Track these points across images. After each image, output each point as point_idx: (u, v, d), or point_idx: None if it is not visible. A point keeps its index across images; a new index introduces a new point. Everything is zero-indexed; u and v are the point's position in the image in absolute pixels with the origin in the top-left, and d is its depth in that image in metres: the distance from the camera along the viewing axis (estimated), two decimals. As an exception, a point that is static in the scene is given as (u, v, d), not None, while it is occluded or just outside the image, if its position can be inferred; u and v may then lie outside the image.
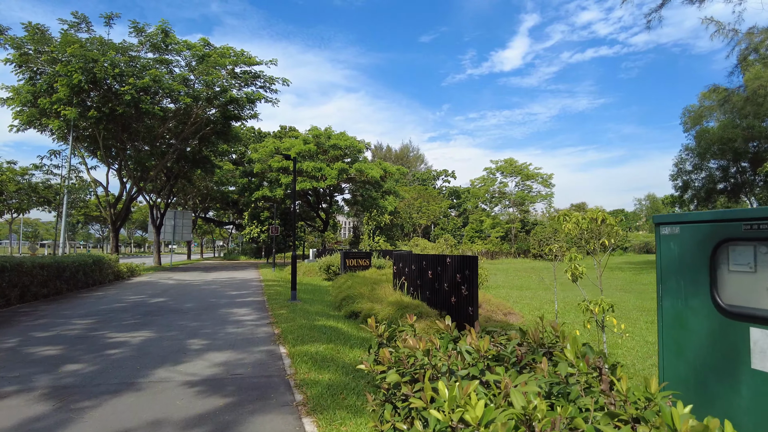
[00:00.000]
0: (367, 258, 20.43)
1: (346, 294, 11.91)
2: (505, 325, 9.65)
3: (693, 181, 37.26)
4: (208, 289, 16.69)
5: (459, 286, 8.69)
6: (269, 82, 28.36)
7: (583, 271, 6.30)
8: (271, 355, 6.52)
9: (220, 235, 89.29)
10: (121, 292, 15.72)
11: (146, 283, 19.47)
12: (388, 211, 42.22)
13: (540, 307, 12.94)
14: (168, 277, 23.09)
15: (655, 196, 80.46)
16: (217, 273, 26.16)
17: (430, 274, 9.88)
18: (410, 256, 11.09)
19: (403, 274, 11.49)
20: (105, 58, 21.69)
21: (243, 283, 19.16)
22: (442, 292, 9.39)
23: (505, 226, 56.40)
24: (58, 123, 23.30)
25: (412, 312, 9.39)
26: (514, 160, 55.68)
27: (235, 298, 13.61)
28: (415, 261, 10.75)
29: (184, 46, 25.40)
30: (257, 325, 8.98)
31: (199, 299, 13.38)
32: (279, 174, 36.26)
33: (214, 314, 10.40)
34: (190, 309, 11.28)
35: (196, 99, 24.98)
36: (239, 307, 11.70)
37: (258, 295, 14.54)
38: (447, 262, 9.17)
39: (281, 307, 11.21)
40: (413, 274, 10.82)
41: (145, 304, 12.16)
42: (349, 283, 13.71)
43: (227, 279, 21.58)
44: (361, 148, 39.87)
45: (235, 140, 33.45)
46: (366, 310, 9.95)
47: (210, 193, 50.52)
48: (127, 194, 27.98)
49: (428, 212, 61.09)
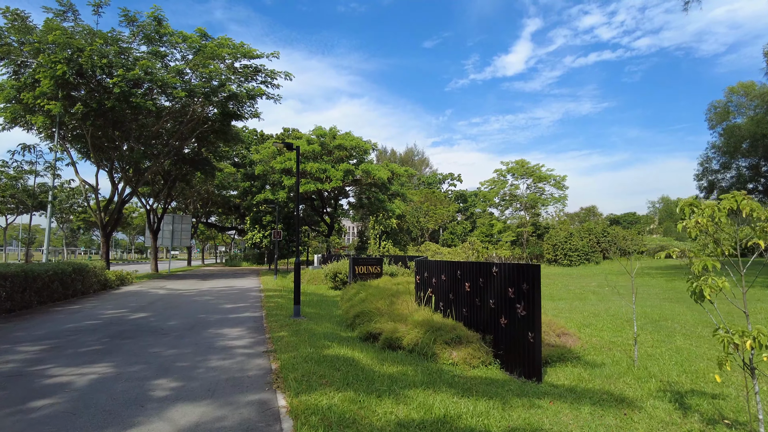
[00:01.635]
0: (379, 265, 18.46)
1: (359, 309, 9.92)
2: (565, 351, 7.65)
3: (719, 181, 35.14)
4: (201, 301, 14.74)
5: (511, 304, 6.70)
6: (271, 76, 26.47)
7: (725, 287, 4.30)
8: (263, 411, 4.53)
9: (222, 240, 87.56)
10: (101, 304, 13.79)
11: (134, 293, 17.54)
12: (396, 214, 40.21)
13: (589, 322, 10.92)
14: (160, 286, 21.18)
15: (669, 199, 78.19)
16: (215, 281, 24.22)
17: (468, 287, 7.89)
18: (439, 265, 9.11)
19: (428, 286, 9.51)
20: (92, 47, 19.88)
21: (241, 294, 17.20)
22: (486, 309, 7.41)
23: (516, 230, 54.24)
24: (42, 119, 21.49)
25: (448, 335, 7.41)
26: (526, 161, 53.57)
27: (229, 313, 11.64)
28: (445, 270, 8.77)
29: (180, 38, 23.57)
30: (250, 354, 7.00)
31: (187, 314, 11.42)
32: (282, 176, 34.40)
33: (199, 336, 8.43)
34: (172, 329, 9.33)
35: (192, 93, 23.12)
36: (232, 325, 9.72)
37: (256, 308, 12.57)
38: (493, 272, 7.18)
39: (282, 326, 9.22)
40: (443, 286, 8.83)
41: (121, 322, 10.21)
42: (362, 295, 11.72)
43: (224, 288, 19.63)
44: (367, 149, 38.02)
45: (235, 140, 31.52)
46: (387, 332, 7.96)
47: (211, 197, 48.75)
48: (119, 197, 26.11)
49: (435, 216, 59.06)
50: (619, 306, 14.94)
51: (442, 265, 9.01)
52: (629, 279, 27.79)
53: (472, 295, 7.83)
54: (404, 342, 7.57)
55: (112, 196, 26.53)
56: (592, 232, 48.85)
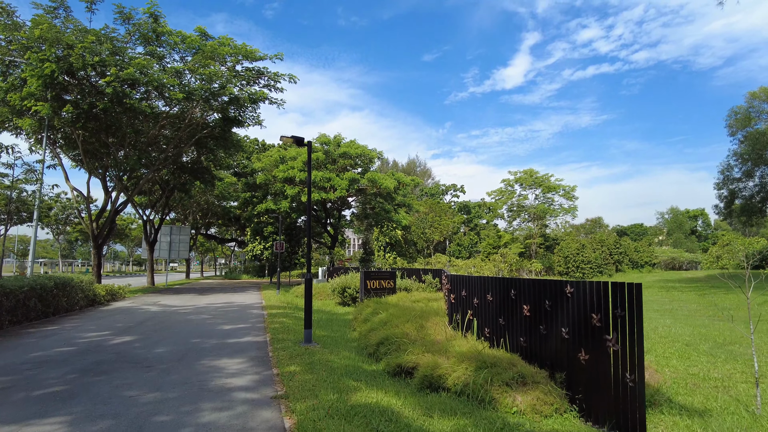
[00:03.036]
0: (392, 279, 16.88)
1: (383, 334, 8.30)
2: (649, 389, 6.04)
3: (741, 190, 33.65)
4: (196, 320, 13.11)
5: (596, 335, 5.13)
6: (274, 79, 25.07)
7: None
8: None
9: (222, 252, 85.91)
10: (83, 324, 12.17)
11: (124, 310, 15.92)
12: (402, 225, 38.64)
13: (660, 350, 9.28)
14: (154, 301, 19.55)
15: (678, 209, 76.61)
16: (214, 296, 22.58)
17: (528, 311, 6.30)
18: (483, 282, 7.53)
19: (468, 307, 7.93)
20: (83, 44, 18.49)
21: (241, 311, 15.57)
22: (555, 340, 5.82)
23: (525, 242, 52.63)
24: (30, 121, 20.05)
25: (506, 374, 5.80)
26: (535, 171, 52.20)
27: (228, 337, 10.02)
28: (493, 288, 7.19)
29: (178, 38, 22.22)
30: (254, 401, 5.38)
31: (179, 339, 9.81)
32: (284, 185, 32.90)
33: (190, 371, 6.83)
34: (158, 358, 7.72)
35: (191, 96, 21.70)
36: (230, 354, 8.11)
37: (259, 331, 10.94)
38: (567, 292, 5.60)
39: (292, 356, 7.61)
40: (490, 308, 7.25)
41: (99, 349, 8.60)
42: (381, 316, 10.11)
43: (223, 305, 18.00)
44: (372, 157, 36.56)
45: (236, 148, 29.98)
46: (425, 367, 6.35)
47: (211, 208, 47.23)
48: (112, 205, 24.54)
49: (440, 227, 57.46)
50: (661, 324, 13.32)
51: (486, 282, 7.43)
52: (649, 292, 26.07)
53: (533, 321, 6.24)
54: (449, 381, 5.96)
55: (105, 204, 24.99)
56: (604, 243, 47.29)
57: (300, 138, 8.82)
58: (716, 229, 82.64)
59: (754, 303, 18.19)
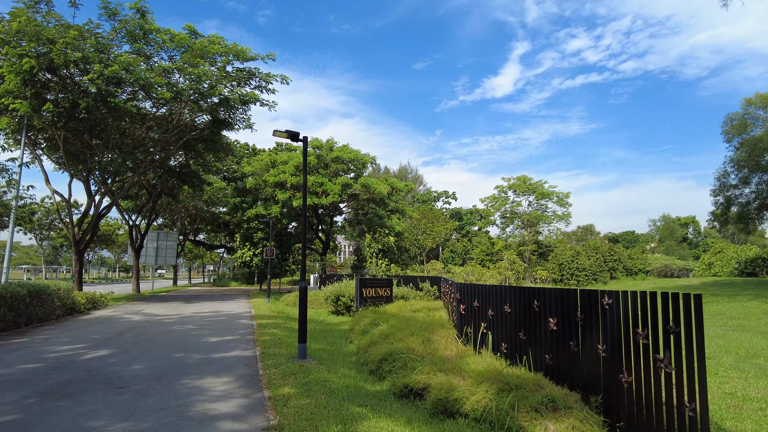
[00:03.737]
0: (389, 287, 16.10)
1: (386, 349, 7.51)
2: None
3: (737, 197, 33.41)
4: (180, 332, 12.21)
5: (643, 354, 4.41)
6: (265, 80, 24.27)
7: None
8: None
9: (211, 259, 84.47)
10: (57, 336, 11.23)
11: (104, 320, 14.95)
12: (395, 231, 37.90)
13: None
14: (138, 310, 18.57)
15: (669, 217, 76.77)
16: (201, 304, 21.61)
17: (554, 324, 5.57)
18: (499, 291, 6.79)
19: (481, 319, 7.19)
20: (65, 39, 17.61)
21: (229, 321, 14.68)
22: (589, 358, 5.10)
23: (519, 249, 52.12)
24: (7, 120, 19.07)
25: (534, 397, 5.06)
26: (528, 177, 51.82)
27: (214, 351, 9.16)
28: (511, 299, 6.45)
29: (166, 36, 21.39)
30: None
31: (159, 353, 8.94)
32: (275, 189, 32.05)
33: (169, 393, 5.99)
34: (134, 377, 6.87)
35: (179, 96, 20.84)
36: (216, 372, 7.28)
37: (248, 344, 10.09)
38: (604, 303, 4.89)
39: (284, 375, 6.78)
40: (508, 321, 6.51)
41: (69, 366, 7.72)
42: (382, 328, 9.33)
43: (210, 314, 17.08)
44: (366, 161, 35.83)
45: (225, 151, 29.01)
46: (438, 388, 5.58)
47: (199, 213, 46.13)
48: (95, 209, 23.49)
49: (433, 234, 56.82)
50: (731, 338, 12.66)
51: (503, 292, 6.69)
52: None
53: (561, 336, 5.51)
54: (467, 406, 5.19)
55: (88, 209, 23.93)
56: (598, 251, 46.93)
57: (295, 132, 8.07)
58: (706, 236, 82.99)
59: (759, 311, 17.66)
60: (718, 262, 53.29)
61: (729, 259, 51.38)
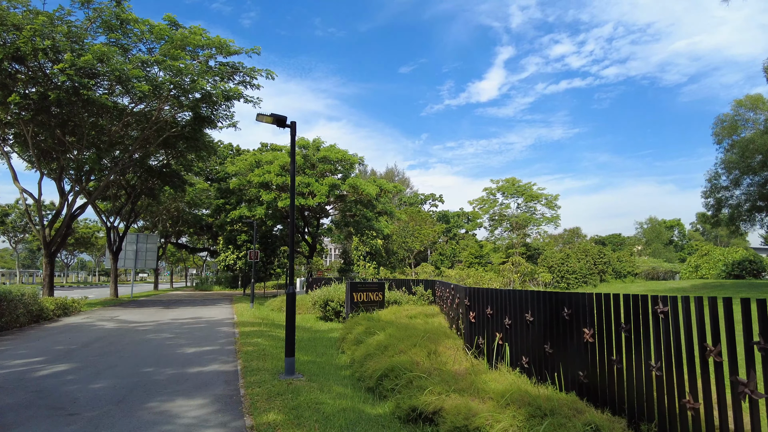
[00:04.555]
0: (381, 291, 15.16)
1: (386, 363, 6.57)
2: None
3: (728, 199, 33.23)
4: (156, 340, 11.13)
5: (715, 372, 3.58)
6: (250, 75, 23.18)
7: None
8: None
9: (194, 262, 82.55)
10: (13, 347, 10.06)
11: (72, 328, 13.75)
12: (384, 233, 36.98)
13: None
14: (112, 316, 17.35)
15: (656, 219, 77.14)
16: (180, 310, 20.42)
17: (590, 335, 4.72)
18: (517, 297, 5.92)
19: (496, 329, 6.32)
20: (33, 26, 16.39)
21: (209, 329, 13.60)
22: (637, 376, 4.24)
23: (508, 252, 51.58)
24: (-31, 113, 17.75)
25: (571, 423, 4.18)
26: (517, 179, 51.37)
27: (189, 365, 8.14)
28: (533, 305, 5.58)
29: (145, 26, 20.21)
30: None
31: (127, 367, 7.89)
32: (260, 190, 30.94)
33: (129, 424, 4.99)
34: (90, 400, 5.84)
35: (157, 90, 19.68)
36: (190, 392, 6.27)
37: (229, 356, 9.07)
38: (657, 311, 4.05)
39: (270, 395, 5.82)
40: (530, 330, 5.65)
41: (17, 385, 6.64)
42: (379, 338, 8.39)
43: (190, 320, 15.96)
44: (354, 162, 34.97)
45: (208, 150, 27.73)
46: (453, 411, 4.67)
47: (182, 215, 44.67)
48: (68, 210, 22.13)
49: (421, 236, 56.02)
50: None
51: (524, 298, 5.81)
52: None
53: (600, 350, 4.65)
54: (492, 436, 4.30)
55: (60, 209, 22.56)
56: (588, 253, 46.60)
57: (282, 117, 7.13)
58: (690, 239, 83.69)
59: None
60: (705, 265, 53.37)
61: (716, 262, 51.45)
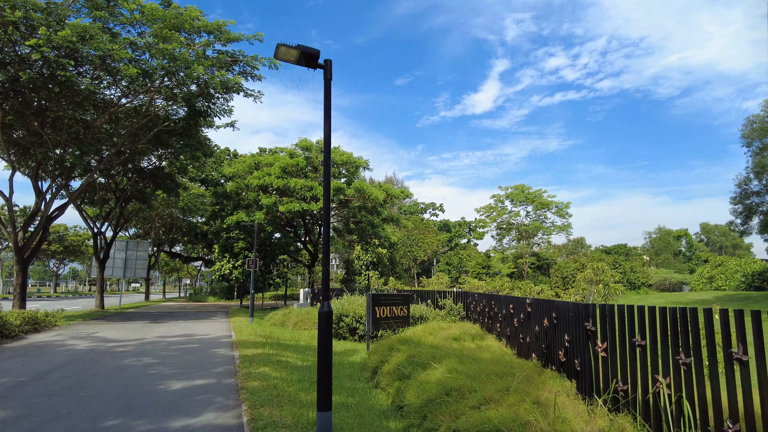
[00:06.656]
0: (405, 305, 12.77)
1: (476, 421, 4.26)
2: None
3: (759, 205, 31.23)
4: (133, 368, 8.73)
5: None
6: (250, 64, 20.91)
7: None
8: None
9: (188, 272, 79.81)
10: (-54, 380, 7.66)
11: (35, 349, 11.32)
12: (390, 241, 34.65)
13: None
14: (90, 333, 14.91)
15: (664, 229, 75.25)
16: (170, 325, 17.98)
17: None
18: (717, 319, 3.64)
19: (654, 369, 4.01)
20: None
21: (202, 352, 11.20)
22: None
23: (518, 262, 49.35)
24: (-72, 97, 15.44)
25: None
26: (526, 186, 49.32)
27: (172, 414, 5.76)
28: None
29: (135, 6, 17.97)
30: None
31: (81, 421, 5.50)
32: (258, 194, 28.70)
33: None
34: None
35: (147, 75, 17.44)
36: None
37: (228, 395, 6.70)
38: None
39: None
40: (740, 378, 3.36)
41: None
42: (437, 374, 6.03)
43: (179, 339, 13.54)
44: (359, 165, 32.86)
45: (203, 148, 25.26)
46: None
47: (175, 222, 42.22)
48: (45, 211, 19.69)
49: (424, 245, 53.77)
50: None
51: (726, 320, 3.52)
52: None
53: None
54: None
55: (36, 209, 20.12)
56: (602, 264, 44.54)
57: (312, 52, 4.92)
58: (695, 250, 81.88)
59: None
60: (719, 276, 51.35)
61: (733, 273, 49.45)
